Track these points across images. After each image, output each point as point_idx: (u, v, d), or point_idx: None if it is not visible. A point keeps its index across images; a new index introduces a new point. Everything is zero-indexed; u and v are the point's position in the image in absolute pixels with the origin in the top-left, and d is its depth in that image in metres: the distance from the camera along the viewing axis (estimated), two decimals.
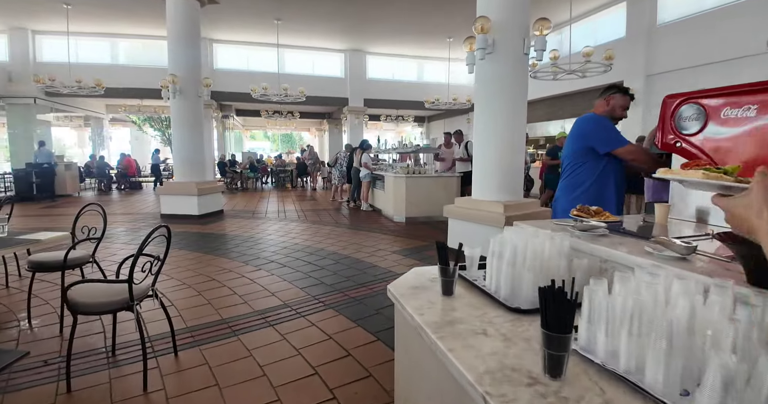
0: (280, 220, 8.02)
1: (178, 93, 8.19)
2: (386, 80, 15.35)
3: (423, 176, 7.81)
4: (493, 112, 4.93)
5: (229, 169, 15.18)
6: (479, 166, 5.13)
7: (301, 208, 9.78)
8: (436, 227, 7.25)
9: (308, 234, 6.57)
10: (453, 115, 17.93)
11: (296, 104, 14.54)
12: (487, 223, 4.75)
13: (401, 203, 7.78)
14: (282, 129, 23.90)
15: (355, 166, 9.88)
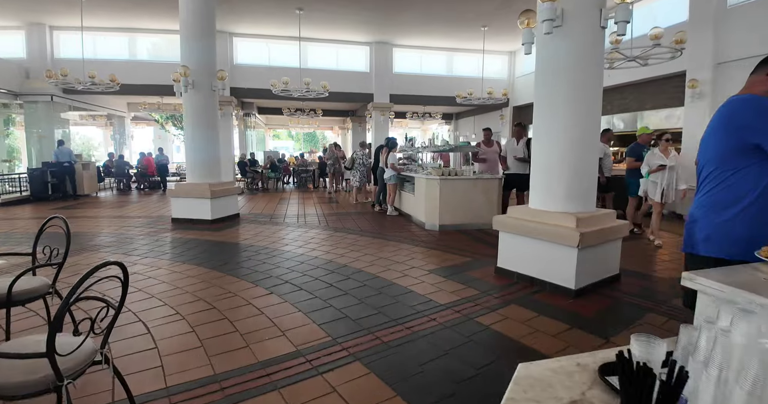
0: (299, 227, 7.22)
1: (190, 86, 7.50)
2: (413, 74, 14.43)
3: (460, 178, 6.88)
4: (560, 100, 3.97)
5: (249, 168, 14.57)
6: (540, 169, 4.18)
7: (323, 212, 8.98)
8: (476, 238, 6.30)
9: (329, 245, 5.74)
10: (484, 112, 16.87)
11: (319, 101, 13.77)
12: (554, 240, 3.81)
13: (434, 209, 6.87)
14: (304, 128, 23.28)
15: (380, 165, 9.02)
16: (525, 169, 6.52)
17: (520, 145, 6.96)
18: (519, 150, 6.95)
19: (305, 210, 9.36)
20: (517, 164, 6.95)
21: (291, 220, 7.92)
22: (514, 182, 7.06)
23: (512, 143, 7.14)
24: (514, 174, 7.04)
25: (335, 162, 12.93)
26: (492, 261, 4.68)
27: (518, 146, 6.99)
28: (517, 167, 6.93)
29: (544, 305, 3.55)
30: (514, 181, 7.07)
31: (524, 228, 4.09)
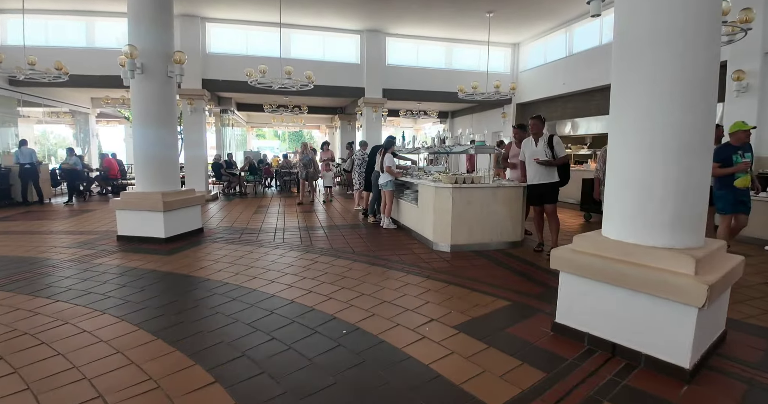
0: (276, 247, 5.77)
1: (139, 71, 6.01)
2: (409, 67, 13.05)
3: (477, 187, 5.51)
4: (663, 84, 2.63)
5: (225, 171, 13.03)
6: (623, 183, 2.83)
7: (306, 225, 7.53)
8: (501, 263, 4.94)
9: (312, 279, 4.30)
10: (483, 109, 15.59)
11: (303, 95, 12.34)
12: (658, 293, 2.46)
13: (445, 225, 5.50)
14: (289, 126, 21.75)
15: (376, 169, 7.61)
16: (549, 175, 5.23)
17: (540, 145, 5.28)
18: (540, 151, 5.25)
19: (285, 221, 7.90)
20: (539, 170, 5.26)
21: (266, 237, 6.46)
22: (534, 193, 5.46)
23: (530, 144, 5.40)
24: (535, 184, 5.36)
25: (308, 164, 10.57)
26: (535, 303, 3.39)
27: (538, 147, 5.27)
28: (539, 173, 5.28)
29: (652, 400, 2.20)
30: (533, 191, 5.46)
31: (606, 272, 2.73)
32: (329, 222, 7.78)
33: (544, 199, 5.34)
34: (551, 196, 5.31)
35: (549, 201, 5.31)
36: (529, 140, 5.43)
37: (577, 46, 11.70)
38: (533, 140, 5.36)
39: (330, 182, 11.43)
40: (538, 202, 5.45)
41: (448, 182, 5.43)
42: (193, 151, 11.70)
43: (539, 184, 5.32)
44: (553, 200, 5.31)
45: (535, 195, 5.45)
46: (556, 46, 12.44)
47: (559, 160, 5.19)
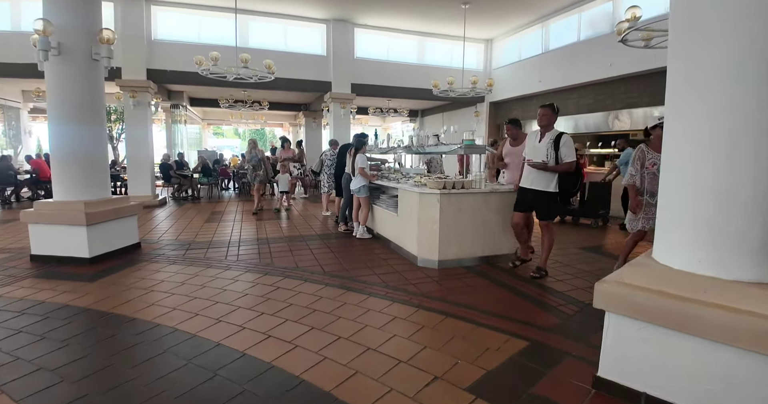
0: (227, 267, 4.78)
1: (55, 52, 4.85)
2: (379, 60, 12.21)
3: (468, 192, 4.74)
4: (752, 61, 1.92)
5: (175, 173, 11.73)
6: (686, 187, 2.12)
7: (266, 235, 6.55)
8: (501, 284, 4.19)
9: (270, 315, 3.37)
10: (455, 108, 14.99)
11: (263, 88, 11.24)
12: (752, 348, 1.76)
13: (431, 237, 4.70)
14: (249, 123, 20.40)
15: (347, 171, 6.74)
16: (544, 182, 4.26)
17: (544, 142, 4.26)
18: (540, 150, 4.24)
19: (242, 232, 6.88)
20: (533, 172, 4.31)
21: (218, 253, 5.44)
22: (523, 197, 4.48)
23: (534, 137, 4.40)
24: (526, 188, 4.41)
25: (258, 166, 8.90)
26: (557, 342, 2.79)
27: (541, 144, 4.27)
28: (531, 177, 4.33)
29: None
30: (522, 195, 4.49)
31: (673, 315, 2.00)
32: (294, 232, 6.82)
33: (537, 210, 4.40)
34: (543, 209, 4.35)
35: (541, 213, 4.37)
36: (535, 134, 4.41)
37: (553, 42, 11.26)
38: (538, 134, 4.36)
39: (285, 186, 9.50)
40: (522, 209, 4.50)
41: (435, 187, 4.63)
42: (136, 151, 10.37)
43: (530, 190, 4.35)
44: (545, 215, 4.36)
45: (523, 200, 4.47)
46: (532, 43, 11.97)
47: (560, 165, 4.17)
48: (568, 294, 3.94)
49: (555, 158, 4.18)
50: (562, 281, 4.37)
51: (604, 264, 4.98)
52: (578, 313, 3.47)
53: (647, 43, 6.13)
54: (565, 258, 5.31)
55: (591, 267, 4.91)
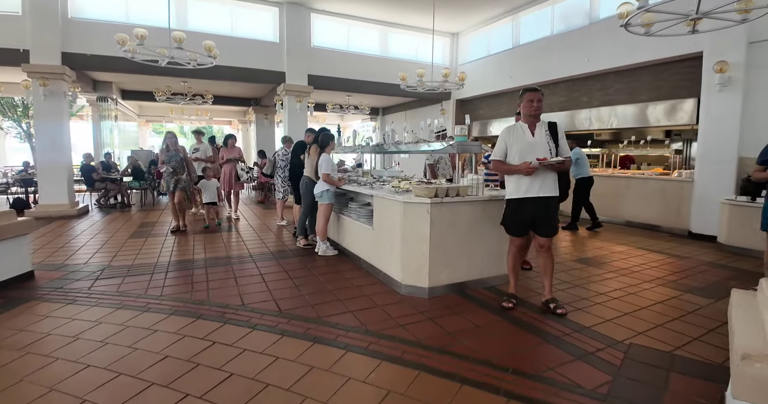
0: (146, 307, 3.50)
1: None
2: (339, 50, 11.05)
3: (463, 201, 3.76)
4: None
5: (100, 175, 9.98)
6: None
7: (205, 255, 5.26)
8: (517, 321, 3.23)
9: (199, 399, 2.21)
10: (420, 106, 14.13)
11: (206, 78, 9.79)
12: None
13: (420, 258, 3.68)
14: (192, 120, 18.52)
15: (306, 175, 5.58)
16: (554, 186, 3.34)
17: (540, 135, 3.29)
18: (541, 145, 3.25)
19: (174, 250, 5.53)
20: (544, 177, 3.28)
21: (136, 284, 4.11)
22: (526, 213, 3.35)
23: (520, 132, 3.34)
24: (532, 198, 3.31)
25: (179, 169, 6.57)
26: None
27: (537, 139, 3.28)
28: (544, 182, 3.28)
29: None
30: (525, 210, 3.35)
31: None
32: (241, 250, 5.56)
33: (542, 224, 3.35)
34: (552, 222, 3.39)
35: (548, 229, 3.36)
36: (518, 128, 3.36)
37: (524, 36, 10.63)
38: (526, 127, 3.34)
39: (212, 196, 6.97)
40: (526, 230, 3.44)
41: (425, 195, 3.61)
42: (49, 150, 8.62)
43: (539, 200, 3.30)
44: (553, 229, 3.41)
45: (526, 217, 3.35)
46: (501, 37, 11.30)
47: (568, 161, 3.39)
48: (600, 332, 3.06)
49: (556, 153, 3.32)
50: (582, 310, 3.50)
51: (618, 284, 4.18)
52: (626, 363, 2.58)
53: (647, 29, 5.49)
54: (567, 275, 4.47)
55: (606, 288, 4.09)
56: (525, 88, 3.37)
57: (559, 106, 9.95)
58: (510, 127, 3.41)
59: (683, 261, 5.24)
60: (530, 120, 3.35)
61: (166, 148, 6.65)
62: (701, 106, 6.96)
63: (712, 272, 4.78)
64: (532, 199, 3.32)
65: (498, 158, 3.40)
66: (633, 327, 3.18)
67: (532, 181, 3.30)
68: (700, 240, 6.61)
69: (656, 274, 4.63)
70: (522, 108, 3.35)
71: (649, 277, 4.50)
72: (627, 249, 5.94)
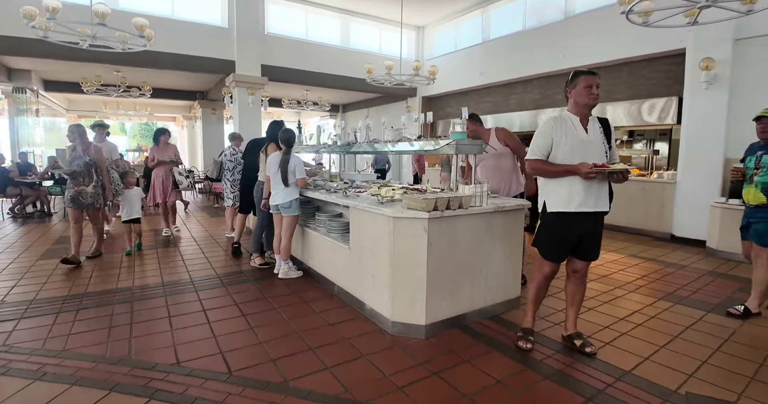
0: (40, 370, 2.47)
1: None
2: (296, 39, 10.05)
3: (469, 213, 3.00)
4: None
5: (15, 179, 8.41)
6: None
7: (133, 280, 4.19)
8: (547, 371, 2.48)
9: None
10: (384, 102, 13.36)
11: (140, 65, 8.50)
12: None
13: (416, 287, 2.88)
14: (131, 116, 16.72)
15: (260, 179, 4.62)
16: (607, 199, 2.62)
17: (593, 131, 2.60)
18: (595, 144, 2.57)
19: (95, 275, 4.41)
20: (599, 187, 2.57)
21: (33, 332, 3.01)
22: (573, 232, 2.61)
23: (570, 125, 2.57)
24: (586, 214, 2.57)
25: (82, 175, 4.77)
26: None
27: (592, 136, 2.57)
28: (600, 193, 2.58)
29: None
30: (572, 227, 2.60)
31: None
32: (179, 273, 4.50)
33: (589, 246, 2.66)
34: (598, 242, 2.71)
35: (595, 252, 2.69)
36: (568, 120, 2.57)
37: (495, 31, 10.11)
38: (578, 121, 2.57)
39: (137, 211, 5.31)
40: (568, 253, 2.70)
41: (421, 208, 2.81)
42: None
43: (593, 216, 2.60)
44: (598, 251, 2.72)
45: (573, 237, 2.61)
46: (470, 31, 10.74)
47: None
48: (645, 378, 2.43)
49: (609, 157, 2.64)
50: (610, 345, 2.87)
51: (632, 303, 3.59)
52: None
53: (646, 19, 5.00)
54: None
55: (621, 309, 3.50)
56: (578, 71, 2.59)
57: (533, 105, 9.51)
58: (556, 118, 2.60)
59: (683, 271, 4.80)
60: (584, 112, 2.59)
61: (73, 144, 4.90)
62: (684, 104, 6.65)
63: (719, 283, 4.34)
64: (584, 214, 2.56)
65: (539, 157, 2.57)
66: (678, 366, 2.59)
67: (588, 191, 2.53)
68: (685, 244, 6.28)
69: (664, 288, 4.13)
70: (574, 95, 2.57)
71: (660, 293, 3.98)
72: (619, 257, 5.47)
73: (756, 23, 5.90)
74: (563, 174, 2.52)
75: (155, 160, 6.15)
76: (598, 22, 7.81)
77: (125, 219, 5.24)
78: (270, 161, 4.20)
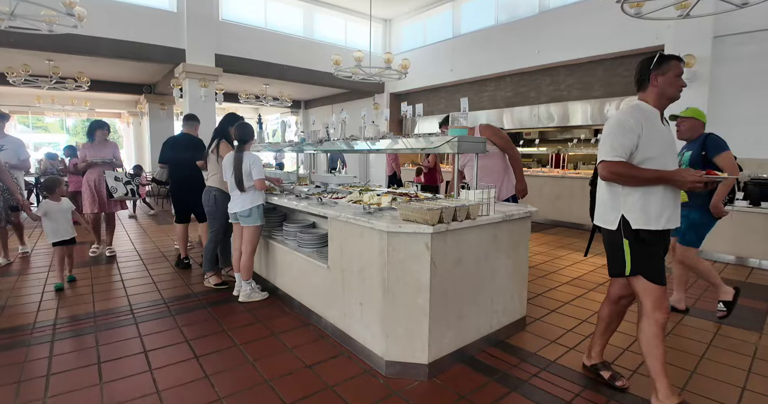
0: None
1: None
2: (255, 27, 9.22)
3: (475, 225, 2.48)
4: None
5: None
6: None
7: (56, 310, 3.39)
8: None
9: None
10: (349, 99, 12.72)
11: (73, 52, 7.45)
12: None
13: (417, 318, 2.33)
14: (69, 112, 15.10)
15: (212, 185, 3.90)
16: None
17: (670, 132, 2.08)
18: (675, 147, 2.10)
19: (4, 307, 3.56)
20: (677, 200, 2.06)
21: None
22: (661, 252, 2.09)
23: (659, 124, 2.01)
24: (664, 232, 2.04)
25: None
26: None
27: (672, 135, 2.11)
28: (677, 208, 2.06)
29: None
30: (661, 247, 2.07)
31: None
32: (116, 298, 3.72)
33: None
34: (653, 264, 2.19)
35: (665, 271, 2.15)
36: (653, 114, 2.01)
37: (466, 25, 9.74)
38: (657, 116, 2.03)
39: (66, 231, 3.94)
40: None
41: (424, 220, 2.25)
42: None
43: (670, 231, 2.18)
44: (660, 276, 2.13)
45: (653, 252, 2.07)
46: (440, 25, 10.33)
47: None
48: None
49: None
50: (639, 373, 2.42)
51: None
52: None
53: (638, 10, 4.71)
54: (573, 308, 3.43)
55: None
56: (667, 55, 2.03)
57: (505, 102, 9.21)
58: (641, 109, 2.01)
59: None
60: (664, 106, 2.06)
61: None
62: None
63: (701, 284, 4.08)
64: (667, 231, 2.08)
65: (623, 158, 1.96)
66: (723, 399, 2.20)
67: (675, 203, 2.05)
68: None
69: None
70: (662, 84, 2.00)
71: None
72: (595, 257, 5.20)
73: (735, 20, 5.79)
74: (655, 182, 1.96)
75: (86, 161, 4.92)
76: (573, 17, 7.58)
77: (54, 241, 3.90)
78: (224, 163, 3.52)
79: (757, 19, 5.70)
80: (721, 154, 3.01)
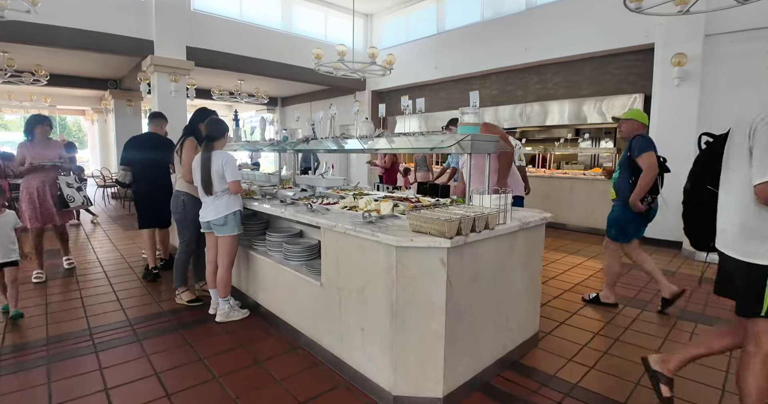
0: None
1: None
2: (229, 19, 8.70)
3: (492, 236, 2.17)
4: None
5: None
6: None
7: (2, 337, 2.91)
8: None
9: None
10: (330, 96, 12.29)
11: (29, 42, 6.81)
12: None
13: (427, 344, 2.01)
14: (29, 108, 14.11)
15: (180, 190, 3.47)
16: None
17: None
18: None
19: None
20: None
21: None
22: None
23: None
24: None
25: None
26: None
27: None
28: None
29: None
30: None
31: None
32: (75, 320, 3.26)
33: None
34: None
35: None
36: None
37: (450, 21, 9.48)
38: None
39: (10, 252, 3.14)
40: None
41: (440, 232, 1.92)
42: None
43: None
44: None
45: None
46: (424, 21, 10.04)
47: None
48: None
49: None
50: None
51: (676, 331, 2.99)
52: None
53: (639, 4, 4.52)
54: (582, 319, 3.18)
55: (658, 341, 2.86)
56: None
57: (491, 101, 9.00)
58: None
59: (689, 281, 4.37)
60: None
61: None
62: (653, 101, 6.38)
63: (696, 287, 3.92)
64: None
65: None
66: None
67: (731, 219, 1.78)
68: (660, 246, 6.00)
69: (683, 305, 3.61)
70: None
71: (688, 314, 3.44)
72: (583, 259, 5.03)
73: (726, 19, 5.70)
74: None
75: (27, 164, 3.98)
76: (562, 13, 7.42)
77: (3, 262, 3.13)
78: (194, 165, 3.10)
79: (748, 17, 5.62)
80: (641, 155, 3.06)
